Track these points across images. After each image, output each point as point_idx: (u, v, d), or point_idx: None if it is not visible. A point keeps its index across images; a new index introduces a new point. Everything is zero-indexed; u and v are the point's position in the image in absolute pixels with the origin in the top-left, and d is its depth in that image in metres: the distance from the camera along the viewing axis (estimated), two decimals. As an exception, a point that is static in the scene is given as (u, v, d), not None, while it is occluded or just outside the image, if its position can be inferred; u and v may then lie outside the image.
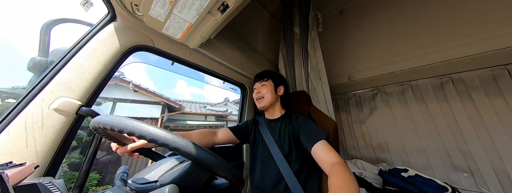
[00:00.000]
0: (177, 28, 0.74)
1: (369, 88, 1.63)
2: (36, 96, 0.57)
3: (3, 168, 0.32)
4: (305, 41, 1.26)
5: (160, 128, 0.38)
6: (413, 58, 1.25)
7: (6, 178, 0.26)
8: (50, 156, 0.57)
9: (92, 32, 0.70)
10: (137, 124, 0.37)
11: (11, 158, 0.50)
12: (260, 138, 0.97)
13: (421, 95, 1.35)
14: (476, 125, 1.14)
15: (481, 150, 1.11)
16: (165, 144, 0.36)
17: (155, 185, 0.42)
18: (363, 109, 1.67)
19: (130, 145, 0.55)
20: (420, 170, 1.28)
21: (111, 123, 0.37)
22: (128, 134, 0.36)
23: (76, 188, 0.60)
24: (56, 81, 0.60)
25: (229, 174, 0.43)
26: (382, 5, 1.39)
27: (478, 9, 1.05)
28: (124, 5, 0.70)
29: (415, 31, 1.25)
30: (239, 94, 1.50)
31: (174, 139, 0.37)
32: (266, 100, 0.97)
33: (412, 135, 1.38)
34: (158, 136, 0.37)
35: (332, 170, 0.61)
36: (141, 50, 0.84)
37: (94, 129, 0.42)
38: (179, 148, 0.37)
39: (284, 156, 0.86)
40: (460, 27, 1.09)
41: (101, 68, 0.68)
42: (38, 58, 0.65)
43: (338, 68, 1.60)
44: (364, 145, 1.64)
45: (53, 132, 0.57)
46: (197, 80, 1.46)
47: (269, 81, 1.02)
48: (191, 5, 0.63)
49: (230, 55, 1.16)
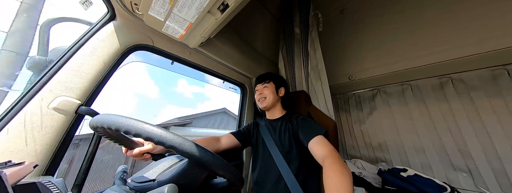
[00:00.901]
0: (177, 28, 0.74)
1: (369, 88, 1.63)
2: (35, 95, 0.57)
3: (2, 167, 0.32)
4: (305, 40, 1.26)
5: (157, 126, 0.38)
6: (413, 58, 1.25)
7: (5, 177, 0.26)
8: (49, 155, 0.57)
9: (92, 31, 0.70)
10: (134, 122, 0.37)
11: (10, 157, 0.50)
12: (261, 139, 0.99)
13: (420, 95, 1.36)
14: (475, 125, 1.14)
15: (480, 150, 1.11)
16: (161, 142, 0.36)
17: (153, 183, 0.42)
18: (363, 109, 1.67)
19: (138, 148, 0.59)
20: (419, 170, 1.28)
21: (108, 122, 0.37)
22: (125, 132, 0.36)
23: (75, 187, 0.60)
24: (56, 80, 0.60)
25: (228, 173, 0.43)
26: (382, 5, 1.39)
27: (478, 10, 1.05)
28: (123, 4, 0.70)
29: (415, 31, 1.25)
30: (239, 93, 1.49)
31: (170, 137, 0.37)
32: (268, 101, 1.00)
33: (411, 135, 1.38)
34: (153, 134, 0.36)
35: (324, 164, 0.62)
36: (141, 50, 0.84)
37: (94, 128, 0.42)
38: (175, 146, 0.37)
39: (285, 154, 0.88)
40: (460, 27, 1.09)
41: (101, 67, 0.68)
42: (38, 57, 0.64)
43: (338, 68, 1.60)
44: (364, 145, 1.64)
45: (52, 131, 0.57)
46: (196, 79, 1.46)
47: (271, 83, 1.05)
48: (191, 4, 0.63)
49: (230, 55, 1.16)
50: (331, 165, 0.60)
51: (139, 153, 0.60)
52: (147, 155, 0.63)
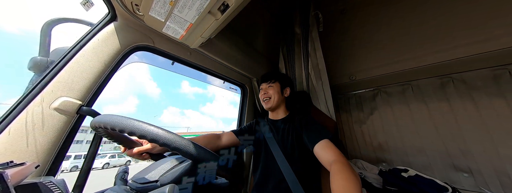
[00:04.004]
0: (177, 28, 0.74)
1: (370, 88, 1.62)
2: (36, 95, 0.57)
3: (4, 167, 0.32)
4: (306, 41, 1.25)
5: (162, 128, 0.38)
6: (414, 58, 1.25)
7: (7, 178, 0.26)
8: (51, 156, 0.57)
9: (93, 31, 0.70)
10: (139, 124, 0.37)
11: (11, 157, 0.51)
12: (263, 140, 0.98)
13: (421, 95, 1.35)
14: (476, 125, 1.13)
15: (482, 150, 1.11)
16: (166, 144, 0.37)
17: (156, 185, 0.42)
18: (364, 109, 1.67)
19: (137, 148, 0.60)
20: (420, 170, 1.27)
21: (112, 123, 0.37)
22: (129, 134, 0.36)
23: (76, 188, 0.60)
24: (57, 80, 0.60)
25: (229, 174, 0.43)
26: (383, 5, 1.39)
27: (478, 9, 1.04)
28: (124, 5, 0.70)
29: (416, 31, 1.24)
30: (239, 94, 1.49)
31: (175, 140, 0.38)
32: (273, 101, 0.99)
33: (412, 135, 1.38)
34: (158, 136, 0.37)
35: (332, 169, 0.61)
36: (142, 50, 0.84)
37: (95, 128, 0.42)
38: (180, 148, 0.37)
39: (287, 156, 0.86)
40: (460, 27, 1.09)
41: (102, 68, 0.68)
42: (39, 57, 0.65)
43: (338, 68, 1.60)
44: (365, 145, 1.63)
45: (54, 131, 0.57)
46: (197, 80, 1.45)
47: (277, 83, 1.03)
48: (192, 5, 0.63)
49: (230, 55, 1.16)
50: (340, 171, 0.58)
51: (138, 152, 0.60)
52: (146, 155, 0.63)
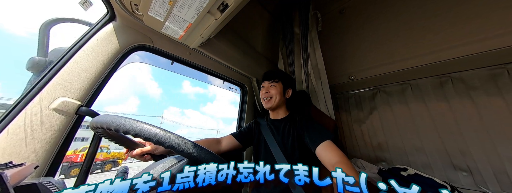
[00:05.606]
0: (176, 28, 0.74)
1: (369, 88, 1.63)
2: (35, 96, 0.57)
3: (3, 168, 0.32)
4: (305, 40, 1.26)
5: (157, 126, 0.38)
6: (413, 58, 1.25)
7: (6, 178, 0.26)
8: (50, 156, 0.57)
9: (92, 31, 0.70)
10: (133, 122, 0.37)
11: (10, 158, 0.50)
12: (263, 140, 0.98)
13: (420, 95, 1.35)
14: (475, 124, 1.14)
15: (480, 149, 1.11)
16: (160, 142, 0.37)
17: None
18: (363, 108, 1.67)
19: (139, 149, 0.60)
20: (420, 169, 1.28)
21: (108, 123, 0.37)
22: (124, 132, 0.36)
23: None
24: (56, 81, 0.60)
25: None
26: (382, 4, 1.39)
27: (477, 9, 1.05)
28: (123, 5, 0.70)
29: (414, 31, 1.25)
30: (239, 94, 1.49)
31: (170, 137, 0.37)
32: (274, 101, 0.97)
33: (411, 135, 1.38)
34: (152, 134, 0.37)
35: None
36: (141, 50, 0.84)
37: (94, 129, 0.42)
38: (175, 146, 0.37)
39: (287, 156, 0.86)
40: (459, 26, 1.09)
41: (101, 68, 0.68)
42: (37, 57, 0.64)
43: (338, 67, 1.60)
44: (364, 144, 1.64)
45: (53, 132, 0.57)
46: (197, 80, 1.45)
47: (279, 83, 1.01)
48: (191, 4, 0.63)
49: (230, 55, 1.16)
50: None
51: (140, 153, 0.60)
52: (147, 156, 0.63)
